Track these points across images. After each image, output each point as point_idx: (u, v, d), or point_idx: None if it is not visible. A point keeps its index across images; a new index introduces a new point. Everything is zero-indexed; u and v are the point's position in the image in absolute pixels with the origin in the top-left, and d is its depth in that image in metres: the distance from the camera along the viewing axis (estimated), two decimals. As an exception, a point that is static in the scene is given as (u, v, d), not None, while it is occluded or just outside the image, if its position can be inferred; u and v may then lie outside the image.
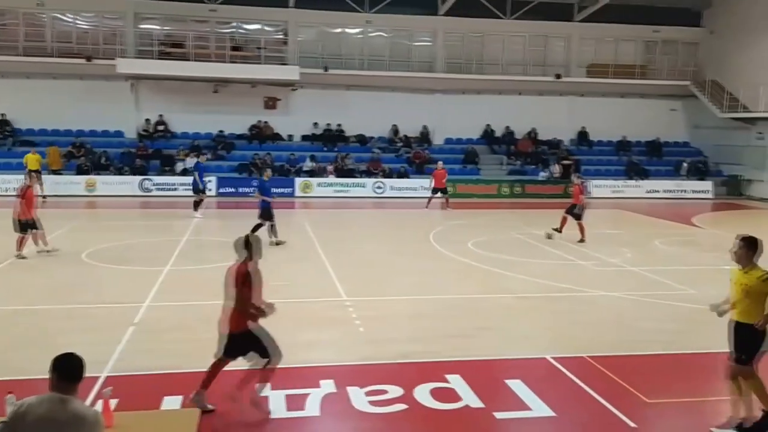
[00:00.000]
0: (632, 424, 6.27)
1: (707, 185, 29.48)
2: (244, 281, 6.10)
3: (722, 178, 30.22)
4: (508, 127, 31.15)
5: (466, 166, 29.50)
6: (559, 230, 16.77)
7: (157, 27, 28.92)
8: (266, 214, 15.44)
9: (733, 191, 29.79)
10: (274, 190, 17.71)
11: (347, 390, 6.85)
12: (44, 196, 20.73)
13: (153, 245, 15.27)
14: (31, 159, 23.07)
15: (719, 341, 9.03)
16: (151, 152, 27.32)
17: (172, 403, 6.45)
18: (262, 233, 13.84)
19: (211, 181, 26.20)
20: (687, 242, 17.10)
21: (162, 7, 28.45)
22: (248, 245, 6.29)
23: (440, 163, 24.31)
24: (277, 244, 15.16)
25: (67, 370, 3.74)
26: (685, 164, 30.23)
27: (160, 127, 28.57)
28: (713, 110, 29.96)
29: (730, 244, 6.32)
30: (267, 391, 6.77)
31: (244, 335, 6.19)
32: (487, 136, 31.24)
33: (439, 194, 23.17)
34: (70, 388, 3.72)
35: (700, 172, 30.24)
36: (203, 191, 20.56)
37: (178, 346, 8.24)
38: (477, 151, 30.17)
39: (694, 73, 31.70)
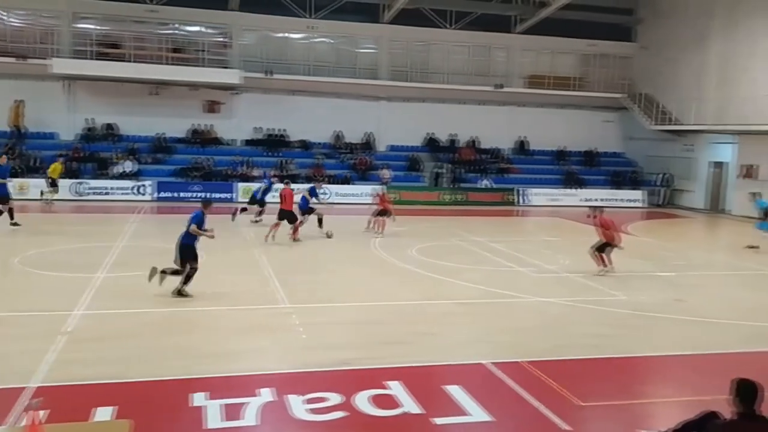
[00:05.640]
0: (566, 427, 6.44)
1: (639, 194, 30.59)
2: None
3: (654, 187, 31.39)
4: (455, 135, 31.61)
5: (409, 173, 29.74)
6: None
7: (94, 27, 28.09)
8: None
9: (663, 200, 31.03)
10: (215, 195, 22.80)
11: (286, 398, 6.79)
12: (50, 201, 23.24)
13: (87, 251, 14.79)
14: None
15: (648, 345, 9.45)
16: (86, 155, 26.49)
17: (104, 414, 6.27)
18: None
19: (150, 186, 25.73)
20: (619, 250, 17.62)
21: (100, 7, 27.68)
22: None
23: None
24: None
25: None
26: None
27: (106, 131, 27.91)
28: (645, 122, 31.14)
29: (659, 252, 6.57)
30: (204, 400, 6.67)
31: None
32: (430, 143, 31.60)
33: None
34: None
35: (633, 181, 31.37)
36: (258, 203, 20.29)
37: (111, 355, 8.01)
38: (420, 159, 30.47)
39: (628, 86, 32.86)
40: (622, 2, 32.56)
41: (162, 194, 25.74)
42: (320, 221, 17.92)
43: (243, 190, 26.44)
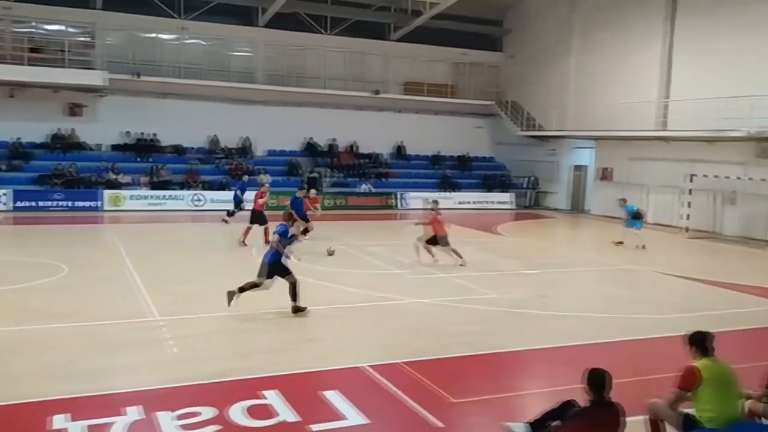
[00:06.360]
0: (440, 424, 6.63)
1: (508, 197, 32.16)
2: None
3: (522, 190, 33.09)
4: (334, 140, 31.74)
5: (288, 178, 29.50)
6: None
7: (-61, 22, 25.67)
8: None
9: (530, 202, 32.83)
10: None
11: (156, 415, 6.51)
12: None
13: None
14: None
15: (515, 340, 9.95)
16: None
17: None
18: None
19: (6, 194, 23.83)
20: (491, 249, 18.45)
21: (-56, 1, 25.35)
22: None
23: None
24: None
25: None
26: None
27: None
28: (512, 128, 32.79)
29: (527, 250, 6.92)
30: (64, 422, 6.26)
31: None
32: (309, 148, 31.54)
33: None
34: None
35: (503, 185, 32.94)
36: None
37: (-43, 382, 7.33)
38: (300, 163, 30.32)
39: (497, 93, 34.47)
40: (491, 13, 34.13)
41: (20, 203, 23.91)
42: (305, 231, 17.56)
43: (110, 198, 25.13)
